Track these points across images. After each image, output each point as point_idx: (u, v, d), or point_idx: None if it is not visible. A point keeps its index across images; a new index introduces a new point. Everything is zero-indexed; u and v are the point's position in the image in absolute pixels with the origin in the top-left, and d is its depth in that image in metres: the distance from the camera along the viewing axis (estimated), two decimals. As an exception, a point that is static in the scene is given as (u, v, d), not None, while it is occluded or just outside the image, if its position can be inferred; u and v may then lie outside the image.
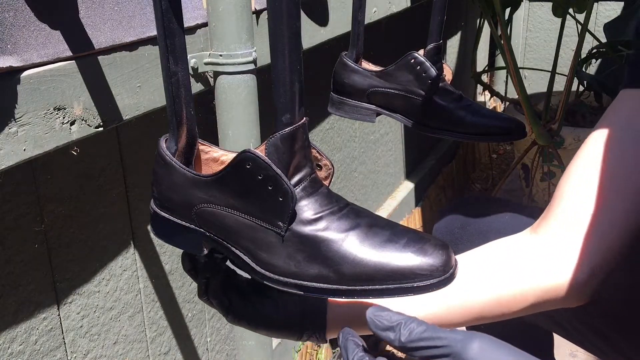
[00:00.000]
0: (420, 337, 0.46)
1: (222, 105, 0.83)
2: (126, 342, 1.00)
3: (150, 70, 0.79)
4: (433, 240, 0.51)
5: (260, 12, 0.96)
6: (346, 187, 1.71)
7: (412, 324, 0.47)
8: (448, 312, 0.66)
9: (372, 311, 0.49)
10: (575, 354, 1.64)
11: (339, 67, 0.90)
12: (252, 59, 0.82)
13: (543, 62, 2.95)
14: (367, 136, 1.80)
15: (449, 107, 0.86)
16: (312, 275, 0.50)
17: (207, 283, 0.63)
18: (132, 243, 0.97)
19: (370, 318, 0.48)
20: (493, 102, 3.10)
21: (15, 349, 0.80)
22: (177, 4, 0.49)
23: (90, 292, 0.91)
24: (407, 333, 0.46)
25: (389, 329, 0.47)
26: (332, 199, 0.53)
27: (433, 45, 0.86)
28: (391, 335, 0.47)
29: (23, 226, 0.79)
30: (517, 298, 0.66)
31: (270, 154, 0.49)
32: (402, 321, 0.47)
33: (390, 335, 0.47)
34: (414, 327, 0.46)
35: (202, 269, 0.63)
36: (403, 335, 0.46)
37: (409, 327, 0.46)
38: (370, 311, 0.49)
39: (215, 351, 1.24)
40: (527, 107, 1.83)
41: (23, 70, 0.64)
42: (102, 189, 0.90)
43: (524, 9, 2.96)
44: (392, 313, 0.48)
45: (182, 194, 0.53)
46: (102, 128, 0.74)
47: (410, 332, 0.46)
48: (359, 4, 0.85)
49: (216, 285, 0.64)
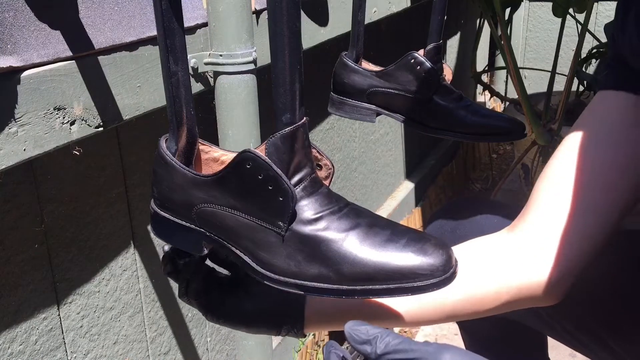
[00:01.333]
0: (395, 349, 0.48)
1: (222, 105, 0.83)
2: (126, 342, 1.00)
3: (150, 70, 0.79)
4: (433, 240, 0.51)
5: (260, 12, 0.96)
6: (346, 187, 1.71)
7: (388, 337, 0.49)
8: (421, 309, 0.67)
9: (350, 325, 0.50)
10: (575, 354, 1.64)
11: (339, 67, 0.90)
12: (252, 59, 0.82)
13: (543, 62, 2.95)
14: (367, 136, 1.80)
15: (449, 107, 0.86)
16: (312, 275, 0.50)
17: (187, 284, 0.64)
18: (132, 243, 0.97)
19: (348, 332, 0.50)
20: (493, 102, 3.10)
21: (15, 349, 0.80)
22: (177, 4, 0.49)
23: (90, 292, 0.91)
24: (383, 346, 0.48)
25: (366, 342, 0.49)
26: (332, 198, 0.52)
27: (433, 45, 0.86)
28: (368, 348, 0.49)
29: (23, 226, 0.79)
30: (491, 296, 0.66)
31: (270, 154, 0.49)
32: (378, 334, 0.49)
33: (367, 348, 0.49)
34: (389, 340, 0.49)
35: (182, 270, 0.64)
36: (379, 348, 0.49)
37: (385, 340, 0.49)
38: (348, 325, 0.50)
39: (215, 351, 1.24)
40: (527, 107, 1.83)
41: (23, 70, 0.64)
42: (102, 189, 0.90)
43: (524, 9, 2.96)
44: (369, 327, 0.50)
45: (182, 193, 0.53)
46: (102, 128, 0.74)
47: (386, 345, 0.48)
48: (359, 4, 0.85)
49: (196, 285, 0.65)
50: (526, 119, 1.88)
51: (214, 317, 0.66)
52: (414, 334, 1.75)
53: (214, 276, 0.67)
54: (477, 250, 0.70)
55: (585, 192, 0.65)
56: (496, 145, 2.94)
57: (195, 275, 0.65)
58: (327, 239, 0.50)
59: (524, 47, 3.05)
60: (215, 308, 0.65)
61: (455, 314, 0.67)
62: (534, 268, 0.66)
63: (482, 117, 0.87)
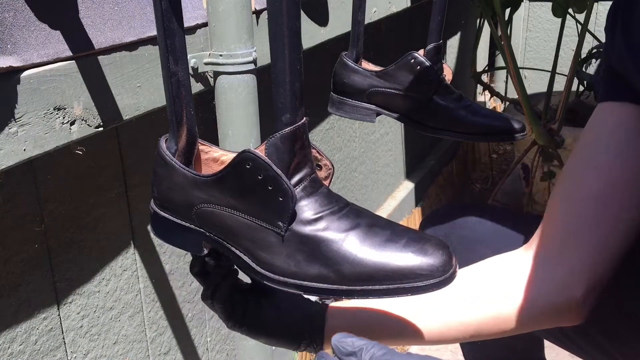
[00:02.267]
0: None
1: (222, 105, 0.83)
2: (126, 342, 1.00)
3: (150, 70, 0.79)
4: (433, 240, 0.51)
5: (260, 12, 0.96)
6: (346, 187, 1.71)
7: (373, 349, 0.49)
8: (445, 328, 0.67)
9: (337, 337, 0.51)
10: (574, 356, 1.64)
11: (339, 67, 0.90)
12: (252, 59, 0.82)
13: (543, 62, 2.95)
14: (367, 136, 1.80)
15: (449, 107, 0.86)
16: (312, 275, 0.50)
17: (215, 288, 0.64)
18: (132, 243, 0.97)
19: (335, 344, 0.50)
20: (493, 102, 3.10)
21: (15, 349, 0.80)
22: (177, 4, 0.49)
23: (90, 292, 0.91)
24: (368, 357, 0.49)
25: (352, 354, 0.50)
26: (332, 199, 0.52)
27: (433, 45, 0.86)
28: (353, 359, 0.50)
29: (23, 226, 0.79)
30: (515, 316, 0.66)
31: (270, 154, 0.49)
32: (363, 346, 0.50)
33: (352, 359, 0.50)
34: (374, 352, 0.49)
35: (214, 273, 0.64)
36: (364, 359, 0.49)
37: (370, 351, 0.49)
38: (335, 338, 0.51)
39: (215, 351, 1.24)
40: (527, 107, 1.83)
41: (23, 70, 0.64)
42: (102, 189, 0.90)
43: (524, 9, 2.96)
44: (355, 339, 0.50)
45: (182, 194, 0.53)
46: (102, 128, 0.73)
47: (371, 356, 0.49)
48: (359, 4, 0.85)
49: (224, 290, 0.64)
50: (526, 119, 1.88)
51: (236, 325, 0.66)
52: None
53: (238, 284, 0.67)
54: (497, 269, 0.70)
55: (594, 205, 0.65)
56: (496, 145, 2.94)
57: (225, 281, 0.64)
58: (327, 239, 0.50)
59: (524, 47, 3.05)
60: (238, 316, 0.65)
61: (480, 333, 0.67)
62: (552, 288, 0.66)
63: (482, 117, 0.87)
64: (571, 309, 0.66)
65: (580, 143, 0.69)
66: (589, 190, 0.65)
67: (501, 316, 0.66)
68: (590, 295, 0.65)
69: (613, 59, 0.65)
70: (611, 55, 0.66)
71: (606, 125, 0.67)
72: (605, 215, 0.64)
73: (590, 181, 0.65)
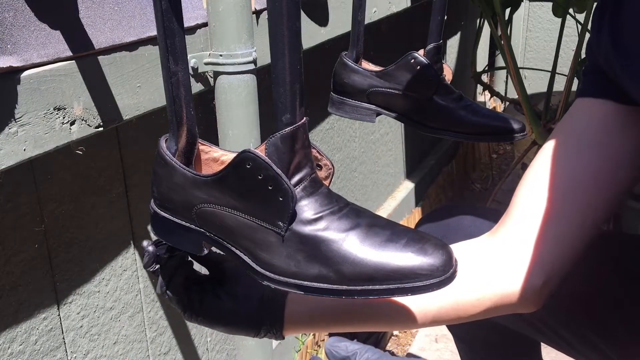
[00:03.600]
0: None
1: (222, 105, 0.83)
2: (126, 342, 1.00)
3: (150, 70, 0.79)
4: (433, 240, 0.51)
5: (260, 12, 0.96)
6: (346, 187, 1.71)
7: (367, 353, 0.49)
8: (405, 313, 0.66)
9: (330, 342, 0.50)
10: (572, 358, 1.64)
11: (339, 67, 0.90)
12: (252, 59, 0.82)
13: (543, 62, 2.95)
14: (367, 136, 1.80)
15: (449, 107, 0.86)
16: (312, 275, 0.50)
17: (169, 280, 0.64)
18: (132, 243, 0.97)
19: (328, 349, 0.50)
20: (493, 102, 3.10)
21: (15, 349, 0.80)
22: (177, 4, 0.49)
23: (90, 292, 0.91)
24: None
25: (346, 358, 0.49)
26: (332, 198, 0.52)
27: (433, 45, 0.86)
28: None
29: (23, 226, 0.79)
30: (474, 303, 0.66)
31: (270, 154, 0.49)
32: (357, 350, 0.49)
33: None
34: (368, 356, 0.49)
35: (166, 267, 0.64)
36: None
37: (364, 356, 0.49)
38: (329, 342, 0.50)
39: (215, 351, 1.24)
40: (527, 107, 1.83)
41: (23, 70, 0.64)
42: (102, 189, 0.90)
43: (524, 9, 2.96)
44: (349, 343, 0.50)
45: (182, 193, 0.53)
46: (102, 128, 0.74)
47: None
48: (359, 4, 0.85)
49: (177, 282, 0.64)
50: (526, 119, 1.88)
51: (193, 315, 0.65)
52: (414, 333, 1.75)
53: (194, 275, 0.66)
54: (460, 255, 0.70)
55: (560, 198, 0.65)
56: (496, 145, 2.94)
57: (179, 272, 0.64)
58: (327, 239, 0.50)
59: (524, 47, 3.05)
60: (195, 306, 0.65)
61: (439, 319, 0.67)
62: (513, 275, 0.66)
63: (482, 117, 0.87)
64: (529, 297, 0.66)
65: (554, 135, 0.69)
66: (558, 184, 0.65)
67: (459, 302, 0.66)
68: (548, 284, 0.66)
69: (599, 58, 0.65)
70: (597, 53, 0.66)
71: (581, 122, 0.67)
72: (571, 209, 0.65)
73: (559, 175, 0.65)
